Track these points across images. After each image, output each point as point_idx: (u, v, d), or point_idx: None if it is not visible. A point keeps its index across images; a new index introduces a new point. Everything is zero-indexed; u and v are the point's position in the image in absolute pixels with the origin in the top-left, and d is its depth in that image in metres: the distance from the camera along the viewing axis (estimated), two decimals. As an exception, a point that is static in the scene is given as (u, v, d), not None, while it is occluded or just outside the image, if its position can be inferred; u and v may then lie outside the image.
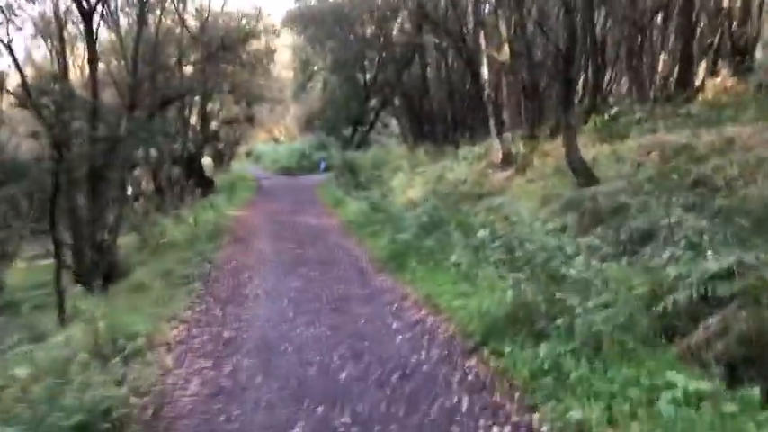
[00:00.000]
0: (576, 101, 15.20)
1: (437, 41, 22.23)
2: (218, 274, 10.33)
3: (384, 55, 28.75)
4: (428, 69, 25.78)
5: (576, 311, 4.86)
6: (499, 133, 14.62)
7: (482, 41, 14.78)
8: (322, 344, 6.03)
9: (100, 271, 14.92)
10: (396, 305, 7.21)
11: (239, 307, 7.85)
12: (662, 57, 14.54)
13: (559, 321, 5.03)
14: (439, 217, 10.18)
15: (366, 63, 32.56)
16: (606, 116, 13.80)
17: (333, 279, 9.03)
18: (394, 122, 37.79)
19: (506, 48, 14.37)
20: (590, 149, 12.17)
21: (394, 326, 6.39)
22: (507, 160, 14.46)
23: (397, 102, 31.97)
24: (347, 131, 36.00)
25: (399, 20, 26.11)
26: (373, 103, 34.23)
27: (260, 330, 6.67)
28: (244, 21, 20.58)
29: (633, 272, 5.83)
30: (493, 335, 5.42)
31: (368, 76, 33.11)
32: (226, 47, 18.14)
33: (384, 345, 5.86)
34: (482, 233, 7.69)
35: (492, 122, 14.82)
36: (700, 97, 12.82)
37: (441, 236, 9.30)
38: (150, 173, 26.87)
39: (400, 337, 6.04)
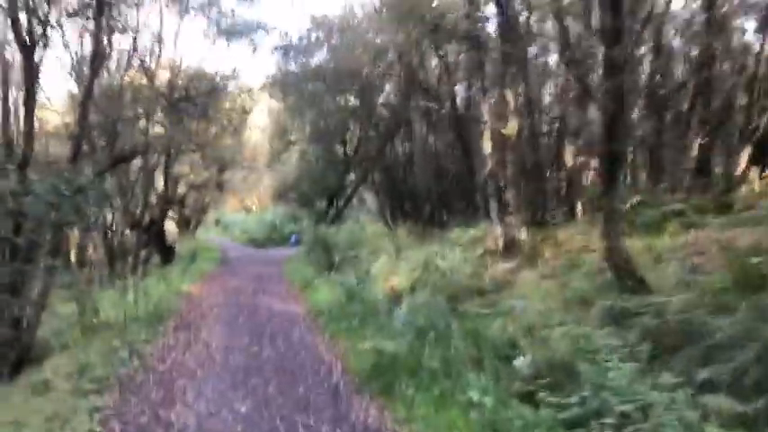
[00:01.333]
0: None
1: (427, 108, 20.50)
2: (143, 380, 7.78)
3: (367, 127, 26.97)
4: (413, 144, 23.99)
5: None
6: (501, 217, 12.52)
7: (485, 112, 12.90)
8: None
9: (13, 354, 12.23)
10: (390, 468, 4.75)
11: (154, 449, 5.32)
12: (696, 141, 12.75)
13: None
14: (439, 320, 7.83)
15: (347, 135, 30.76)
16: (628, 205, 11.81)
17: (295, 402, 6.52)
18: (370, 198, 35.90)
19: (512, 122, 12.47)
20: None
21: None
22: (510, 249, 12.32)
23: (376, 177, 30.15)
24: (322, 205, 33.80)
25: (386, 89, 24.48)
26: (352, 176, 32.24)
27: None
28: (217, 78, 18.54)
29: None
30: None
31: (348, 149, 31.25)
32: (190, 98, 15.99)
33: None
34: (521, 361, 5.33)
35: (493, 204, 12.75)
36: (743, 189, 10.94)
37: (444, 349, 6.92)
38: (102, 237, 24.14)
39: None
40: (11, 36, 13.16)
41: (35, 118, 13.61)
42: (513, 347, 6.20)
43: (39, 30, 12.45)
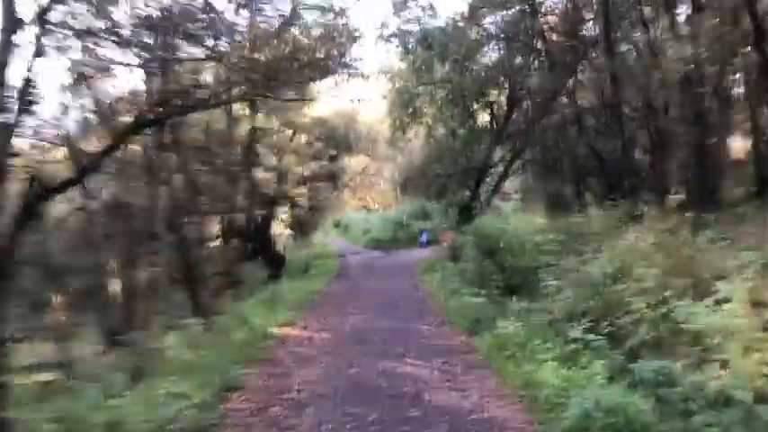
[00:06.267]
0: None
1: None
2: None
3: (528, 68, 18.57)
4: (607, 89, 15.47)
5: None
6: None
7: None
8: None
9: None
10: None
11: None
12: None
13: None
14: None
15: (494, 95, 22.51)
16: None
17: None
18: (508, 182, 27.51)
19: None
20: None
21: None
22: None
23: (536, 148, 21.96)
24: (458, 194, 25.34)
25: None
26: (501, 152, 23.76)
27: None
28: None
29: None
30: None
31: (496, 113, 22.94)
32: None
33: None
34: None
35: None
36: None
37: None
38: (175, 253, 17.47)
39: None
40: None
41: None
42: None
43: None
